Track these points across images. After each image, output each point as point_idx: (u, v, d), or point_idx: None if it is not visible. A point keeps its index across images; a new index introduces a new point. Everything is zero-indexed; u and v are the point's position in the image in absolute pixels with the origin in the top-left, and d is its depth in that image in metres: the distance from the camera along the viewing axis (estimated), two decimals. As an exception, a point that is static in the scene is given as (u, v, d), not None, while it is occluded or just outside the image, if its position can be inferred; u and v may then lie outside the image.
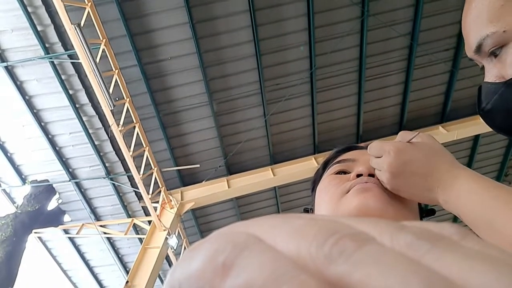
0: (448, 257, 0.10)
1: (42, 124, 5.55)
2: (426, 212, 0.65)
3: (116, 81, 5.00)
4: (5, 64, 4.89)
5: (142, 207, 6.75)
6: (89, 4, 4.44)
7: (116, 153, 5.99)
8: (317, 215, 0.13)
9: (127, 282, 5.14)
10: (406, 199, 0.57)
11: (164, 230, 5.86)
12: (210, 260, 0.12)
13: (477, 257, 0.10)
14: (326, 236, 0.11)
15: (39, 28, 4.78)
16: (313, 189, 0.71)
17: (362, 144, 0.75)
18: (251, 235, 0.12)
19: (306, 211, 0.73)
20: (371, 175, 0.59)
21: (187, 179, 6.85)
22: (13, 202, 6.49)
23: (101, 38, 4.72)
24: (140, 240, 6.45)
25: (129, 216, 6.85)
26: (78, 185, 6.35)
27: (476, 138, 7.34)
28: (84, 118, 5.61)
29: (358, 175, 0.60)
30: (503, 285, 0.09)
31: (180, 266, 0.13)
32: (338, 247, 0.11)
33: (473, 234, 0.12)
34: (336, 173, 0.64)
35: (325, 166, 0.71)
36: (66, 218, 6.85)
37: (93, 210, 6.76)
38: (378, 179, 0.58)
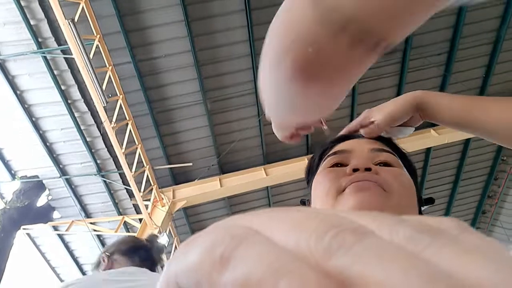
0: (447, 251, 0.10)
1: (33, 119, 5.48)
2: (425, 200, 0.64)
3: (109, 77, 4.96)
4: (-4, 57, 4.83)
5: (133, 204, 6.70)
6: (84, -1, 4.40)
7: (108, 150, 5.95)
8: (316, 209, 0.13)
9: (116, 280, 5.10)
10: (405, 196, 0.56)
11: (155, 228, 5.83)
12: (207, 252, 0.12)
13: (476, 251, 0.10)
14: (326, 229, 0.11)
15: (32, 22, 4.72)
16: (309, 181, 0.69)
17: (358, 129, 0.72)
18: (249, 228, 0.12)
19: (303, 202, 0.71)
20: (368, 169, 0.57)
21: (179, 178, 6.82)
22: (2, 198, 6.40)
23: (95, 34, 4.68)
24: (131, 238, 6.40)
25: (120, 213, 6.80)
26: (69, 182, 6.28)
27: (466, 142, 7.43)
28: (76, 114, 5.56)
29: (354, 170, 0.58)
30: (502, 278, 0.09)
31: (176, 259, 0.13)
32: (338, 240, 0.11)
33: (472, 229, 0.12)
34: (332, 166, 0.62)
35: (321, 157, 0.69)
36: (56, 214, 6.77)
37: (83, 207, 6.70)
38: (377, 173, 0.57)
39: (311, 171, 0.69)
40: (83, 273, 7.79)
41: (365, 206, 0.53)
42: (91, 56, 4.52)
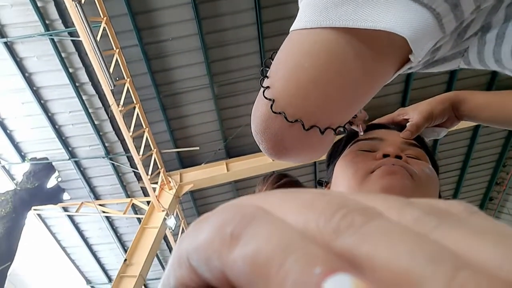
0: (455, 232, 0.10)
1: (42, 102, 5.52)
2: None
3: (116, 60, 4.95)
4: (4, 40, 4.83)
5: (141, 187, 6.79)
6: (90, -20, 4.35)
7: (115, 133, 5.99)
8: (326, 191, 0.13)
9: (125, 260, 5.22)
10: (431, 186, 0.56)
11: (163, 210, 5.91)
12: (218, 230, 0.12)
13: (485, 233, 0.10)
14: (334, 210, 0.11)
15: (39, 4, 4.70)
16: (330, 163, 0.69)
17: (390, 124, 0.71)
18: (259, 207, 0.12)
19: (320, 183, 0.71)
20: (399, 156, 0.57)
21: (186, 161, 6.87)
22: (13, 179, 6.52)
23: (102, 16, 4.65)
24: (139, 220, 6.52)
25: (128, 196, 6.90)
26: (78, 164, 6.37)
27: (476, 128, 7.34)
28: (84, 97, 5.58)
29: (385, 155, 0.57)
30: (510, 260, 0.09)
31: (187, 236, 0.13)
32: (346, 221, 0.11)
33: (481, 212, 0.12)
34: (361, 151, 0.62)
35: (347, 141, 0.68)
36: (66, 196, 6.89)
37: (92, 189, 6.80)
38: (406, 162, 0.56)
39: (334, 154, 0.69)
40: (94, 254, 7.97)
41: (393, 189, 0.52)
42: (98, 38, 4.50)
